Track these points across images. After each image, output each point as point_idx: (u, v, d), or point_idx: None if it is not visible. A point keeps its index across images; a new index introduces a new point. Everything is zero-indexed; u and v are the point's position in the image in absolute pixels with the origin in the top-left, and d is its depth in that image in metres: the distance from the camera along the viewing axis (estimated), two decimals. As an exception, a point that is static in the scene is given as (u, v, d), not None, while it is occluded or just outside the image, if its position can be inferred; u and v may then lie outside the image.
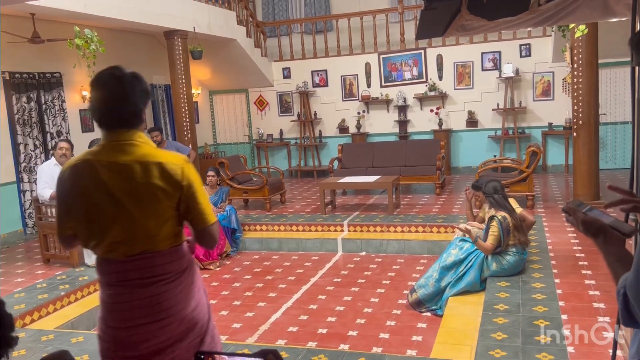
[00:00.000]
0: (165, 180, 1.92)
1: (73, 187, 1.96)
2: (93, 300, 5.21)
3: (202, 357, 1.17)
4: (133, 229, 1.92)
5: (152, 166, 1.92)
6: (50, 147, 7.89)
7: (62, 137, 7.89)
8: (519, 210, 4.96)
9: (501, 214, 4.68)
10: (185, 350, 2.02)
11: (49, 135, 7.94)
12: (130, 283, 1.96)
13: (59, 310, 4.99)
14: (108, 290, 2.00)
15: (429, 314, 4.77)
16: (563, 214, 1.51)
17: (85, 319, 4.93)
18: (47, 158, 7.45)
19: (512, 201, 5.05)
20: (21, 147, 7.64)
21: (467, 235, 4.75)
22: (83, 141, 8.35)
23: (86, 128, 8.91)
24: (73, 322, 4.80)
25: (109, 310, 2.00)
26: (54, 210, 5.91)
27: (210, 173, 7.21)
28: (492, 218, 4.69)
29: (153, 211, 1.93)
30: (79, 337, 4.22)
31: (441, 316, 4.52)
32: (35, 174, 7.49)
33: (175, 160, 1.98)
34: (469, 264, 4.71)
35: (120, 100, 1.96)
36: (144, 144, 1.99)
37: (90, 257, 5.86)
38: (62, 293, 5.12)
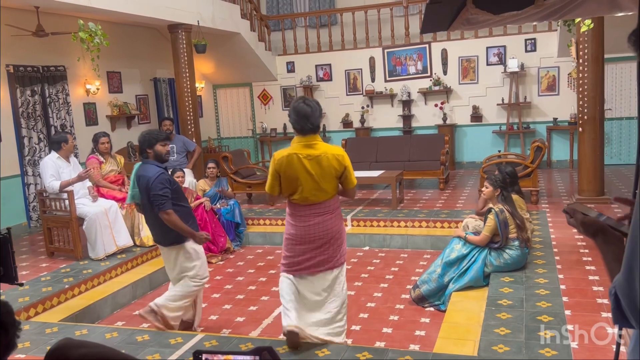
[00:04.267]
0: (337, 164, 3.47)
1: (288, 167, 3.44)
2: (97, 293, 5.24)
3: (201, 356, 1.17)
4: (318, 189, 3.49)
5: (330, 156, 3.45)
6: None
7: (65, 131, 7.89)
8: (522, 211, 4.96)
9: (498, 206, 4.67)
10: (336, 260, 3.65)
11: (53, 128, 7.94)
12: (313, 216, 3.54)
13: (63, 303, 5.01)
14: (300, 222, 3.56)
15: (432, 309, 4.77)
16: (565, 215, 1.51)
17: (90, 311, 4.95)
18: (51, 151, 7.46)
19: (517, 199, 5.04)
20: (25, 141, 7.65)
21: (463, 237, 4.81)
22: (87, 134, 8.38)
23: (90, 121, 8.93)
24: (77, 314, 4.82)
25: (300, 231, 3.56)
26: (58, 203, 5.95)
27: (211, 165, 7.26)
28: (489, 210, 4.69)
29: (329, 180, 3.50)
30: (82, 329, 4.25)
31: (444, 311, 4.52)
32: (39, 166, 7.51)
33: (340, 151, 3.54)
34: (472, 259, 4.71)
35: (310, 117, 3.41)
36: (321, 143, 3.51)
37: (94, 251, 5.88)
38: (66, 286, 5.14)
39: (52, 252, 6.20)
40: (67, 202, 5.87)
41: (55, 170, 5.85)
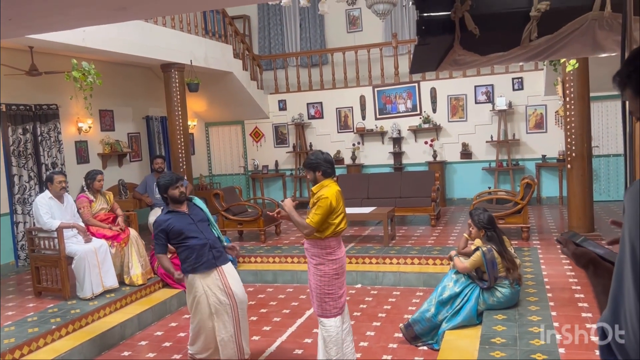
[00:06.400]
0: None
1: (339, 202, 4.03)
2: (85, 334, 5.14)
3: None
4: (345, 219, 4.14)
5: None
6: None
7: (56, 170, 7.87)
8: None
9: (486, 245, 4.67)
10: None
11: (44, 166, 7.93)
12: (342, 242, 4.19)
13: (50, 344, 4.90)
14: (340, 253, 4.10)
15: (425, 347, 4.72)
16: (557, 245, 1.52)
17: (77, 352, 4.84)
18: (41, 190, 7.42)
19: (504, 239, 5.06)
20: (16, 179, 7.62)
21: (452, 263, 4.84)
22: (78, 172, 8.36)
23: (81, 159, 8.92)
24: (64, 356, 4.71)
25: (341, 262, 4.09)
26: (47, 241, 5.89)
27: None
28: (476, 249, 4.70)
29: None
30: (69, 372, 4.14)
31: (437, 350, 4.47)
32: (29, 205, 7.46)
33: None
34: (465, 298, 4.68)
35: (334, 164, 4.25)
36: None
37: (82, 290, 5.79)
38: (53, 326, 5.04)
39: (39, 292, 6.10)
40: (56, 240, 5.81)
41: (48, 209, 5.81)
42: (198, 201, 4.54)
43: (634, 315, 1.05)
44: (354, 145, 11.55)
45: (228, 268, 4.38)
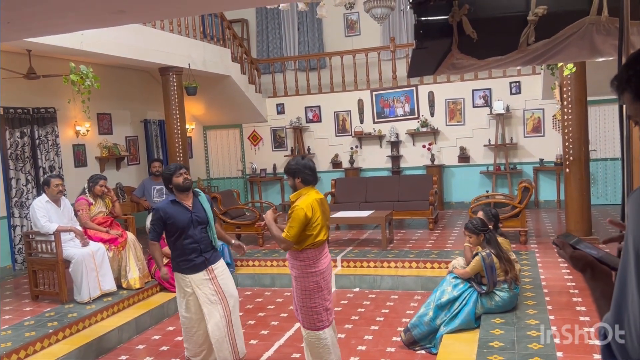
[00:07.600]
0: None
1: (316, 212, 3.82)
2: (82, 338, 5.12)
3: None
4: (328, 227, 4.08)
5: (324, 199, 4.06)
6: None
7: (53, 174, 7.84)
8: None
9: (485, 250, 4.67)
10: None
11: (41, 170, 7.91)
12: (326, 252, 4.06)
13: (47, 348, 4.88)
14: (321, 264, 3.92)
15: (423, 352, 4.71)
16: (555, 248, 1.52)
17: (74, 356, 4.83)
18: (38, 193, 7.40)
19: (503, 241, 5.05)
20: (13, 182, 7.60)
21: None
22: (75, 176, 8.35)
23: (79, 163, 8.90)
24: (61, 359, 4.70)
25: (324, 274, 3.91)
26: (45, 245, 5.88)
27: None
28: (476, 254, 4.70)
29: (329, 218, 4.11)
30: (66, 376, 4.13)
31: (435, 354, 4.47)
32: (26, 208, 7.44)
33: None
34: (464, 302, 4.67)
35: (315, 171, 3.99)
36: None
37: (79, 294, 5.78)
38: (50, 330, 5.02)
39: (36, 296, 6.08)
40: (53, 244, 5.80)
41: (46, 212, 5.80)
42: (204, 199, 4.47)
43: (639, 320, 1.05)
44: (352, 148, 11.56)
45: (218, 267, 4.37)
